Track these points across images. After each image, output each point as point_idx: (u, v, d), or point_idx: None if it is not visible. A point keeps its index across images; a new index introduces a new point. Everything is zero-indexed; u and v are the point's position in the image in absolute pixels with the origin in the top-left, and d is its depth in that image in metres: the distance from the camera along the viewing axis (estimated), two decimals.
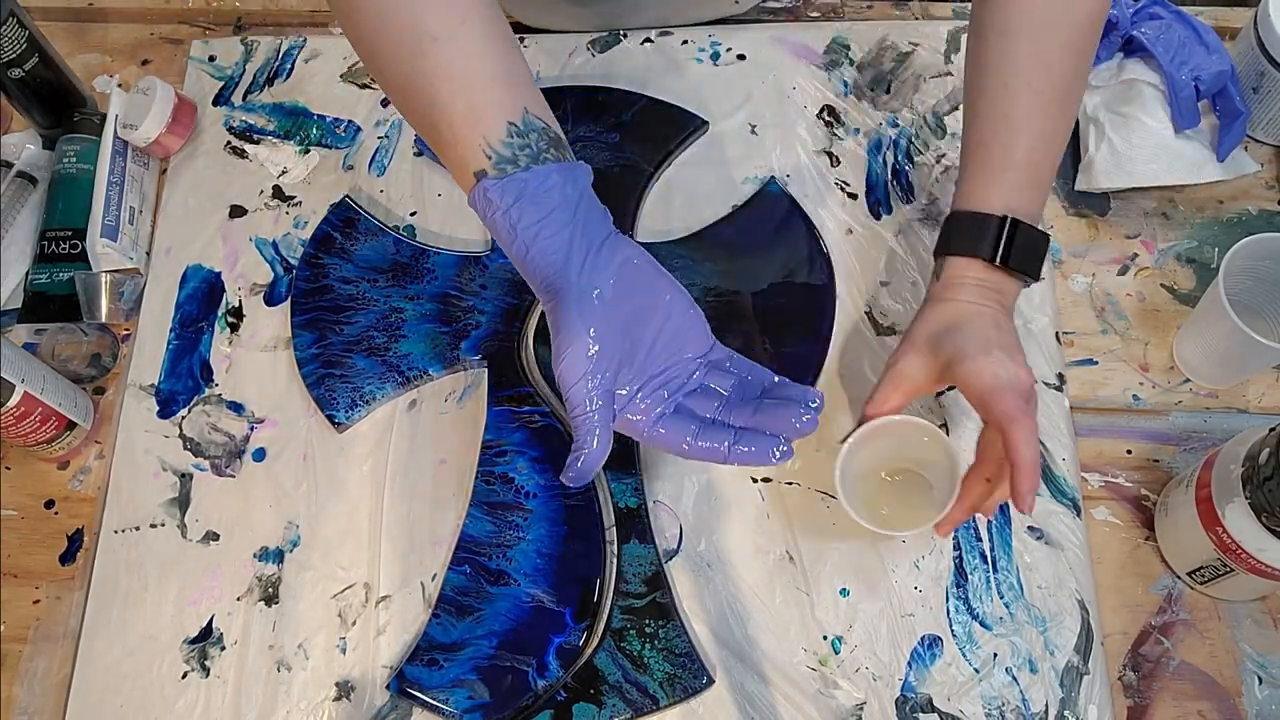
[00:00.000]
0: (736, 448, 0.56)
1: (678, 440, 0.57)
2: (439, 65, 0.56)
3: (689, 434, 0.56)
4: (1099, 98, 0.78)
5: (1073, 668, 0.65)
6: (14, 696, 0.67)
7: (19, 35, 0.77)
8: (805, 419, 0.56)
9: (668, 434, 0.57)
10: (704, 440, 0.56)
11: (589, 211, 0.57)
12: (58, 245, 0.78)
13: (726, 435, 0.56)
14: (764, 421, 0.57)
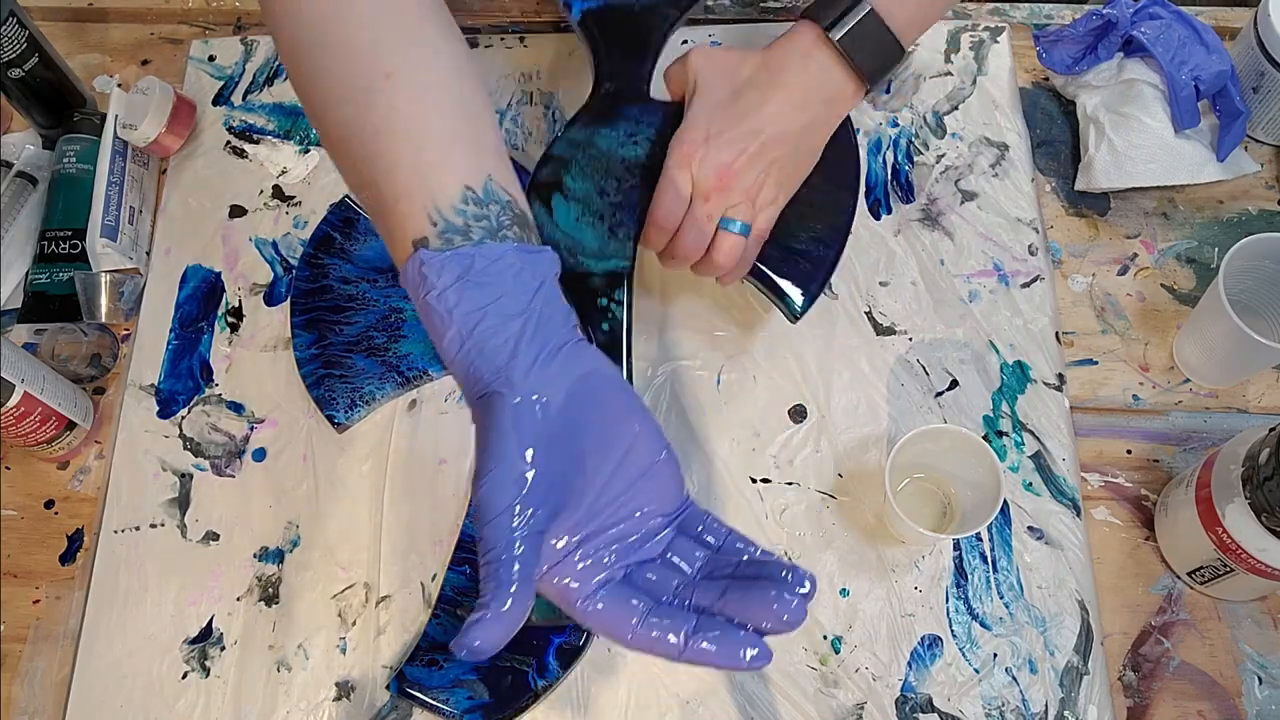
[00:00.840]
0: (695, 642, 0.43)
1: (619, 624, 0.44)
2: (391, 108, 0.46)
3: (634, 615, 0.44)
4: (1099, 98, 0.78)
5: (1073, 668, 0.65)
6: (14, 696, 0.67)
7: (19, 35, 0.77)
8: (793, 607, 0.43)
9: (606, 612, 0.44)
10: (653, 628, 0.44)
11: (548, 305, 0.46)
12: (58, 245, 0.78)
13: (684, 623, 0.44)
14: (736, 607, 0.44)
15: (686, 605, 0.45)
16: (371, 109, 0.46)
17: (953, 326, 0.75)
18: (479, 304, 0.45)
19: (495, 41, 0.86)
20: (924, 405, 0.72)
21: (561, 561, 0.45)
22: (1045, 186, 0.80)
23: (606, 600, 0.45)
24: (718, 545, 0.47)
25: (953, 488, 0.69)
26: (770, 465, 0.71)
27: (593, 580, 0.45)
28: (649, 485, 0.46)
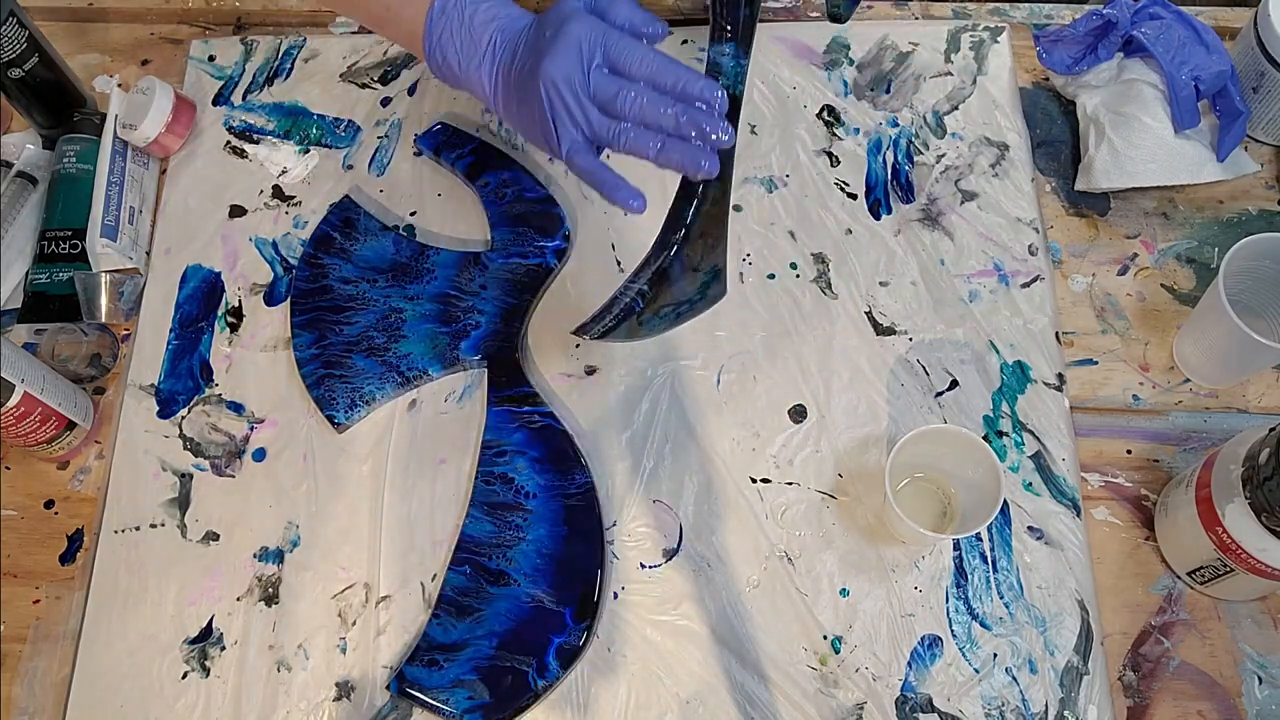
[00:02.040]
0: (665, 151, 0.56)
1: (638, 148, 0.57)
2: None
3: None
4: (1099, 98, 0.78)
5: (1072, 668, 0.65)
6: (14, 696, 0.67)
7: (19, 35, 0.77)
8: (720, 138, 0.56)
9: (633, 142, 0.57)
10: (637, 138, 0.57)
11: None
12: (58, 245, 0.78)
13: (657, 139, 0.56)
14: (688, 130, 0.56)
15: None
16: None
17: (953, 326, 0.75)
18: None
19: None
20: (924, 405, 0.72)
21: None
22: (1045, 186, 0.80)
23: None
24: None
25: (953, 488, 0.69)
26: (770, 465, 0.71)
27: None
28: None
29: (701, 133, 0.56)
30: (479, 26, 0.60)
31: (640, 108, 0.56)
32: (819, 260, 0.77)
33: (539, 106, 0.57)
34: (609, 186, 0.58)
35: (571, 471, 0.70)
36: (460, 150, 0.81)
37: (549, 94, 0.56)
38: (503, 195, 0.79)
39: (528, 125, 0.59)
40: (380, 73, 0.86)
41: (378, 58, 0.86)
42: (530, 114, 0.58)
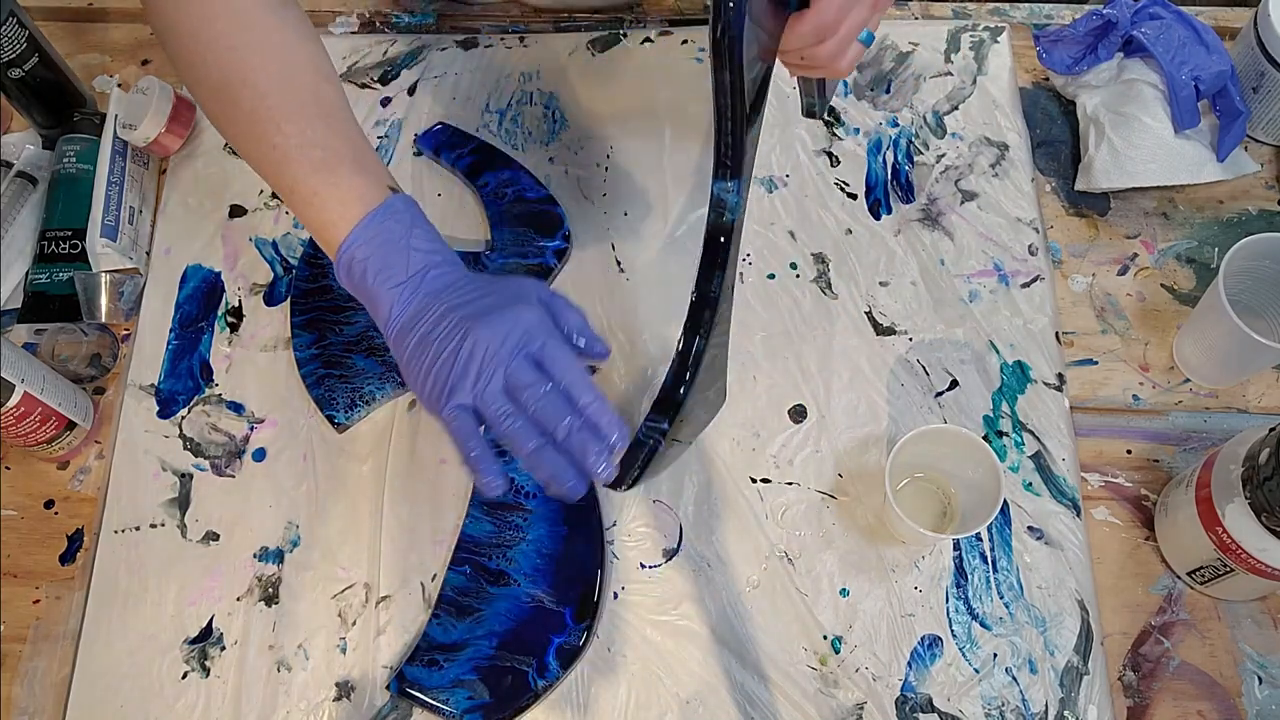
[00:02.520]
0: (537, 457, 0.54)
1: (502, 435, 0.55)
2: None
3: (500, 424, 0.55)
4: (1099, 98, 0.78)
5: (1072, 668, 0.65)
6: (14, 696, 0.67)
7: (19, 35, 0.77)
8: (602, 472, 0.54)
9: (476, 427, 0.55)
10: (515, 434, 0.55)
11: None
12: (58, 245, 0.78)
13: (533, 438, 0.54)
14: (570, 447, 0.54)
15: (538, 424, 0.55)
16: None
17: (953, 326, 0.75)
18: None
19: (495, 41, 0.87)
20: (924, 405, 0.72)
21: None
22: (1045, 186, 0.80)
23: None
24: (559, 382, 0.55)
25: (953, 488, 0.69)
26: (770, 465, 0.71)
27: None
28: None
29: (585, 458, 0.54)
30: (417, 250, 0.58)
31: (543, 406, 0.54)
32: (819, 260, 0.77)
33: (446, 358, 0.55)
34: (478, 457, 0.55)
35: None
36: (460, 150, 0.81)
37: (470, 351, 0.54)
38: (503, 195, 0.79)
39: (415, 364, 0.56)
40: (380, 73, 0.86)
41: (378, 58, 0.86)
42: (425, 356, 0.56)
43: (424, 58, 0.86)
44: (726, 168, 0.55)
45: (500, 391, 0.55)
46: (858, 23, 0.56)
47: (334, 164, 0.58)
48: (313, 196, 0.58)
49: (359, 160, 0.59)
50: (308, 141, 0.58)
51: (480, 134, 0.83)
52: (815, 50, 0.56)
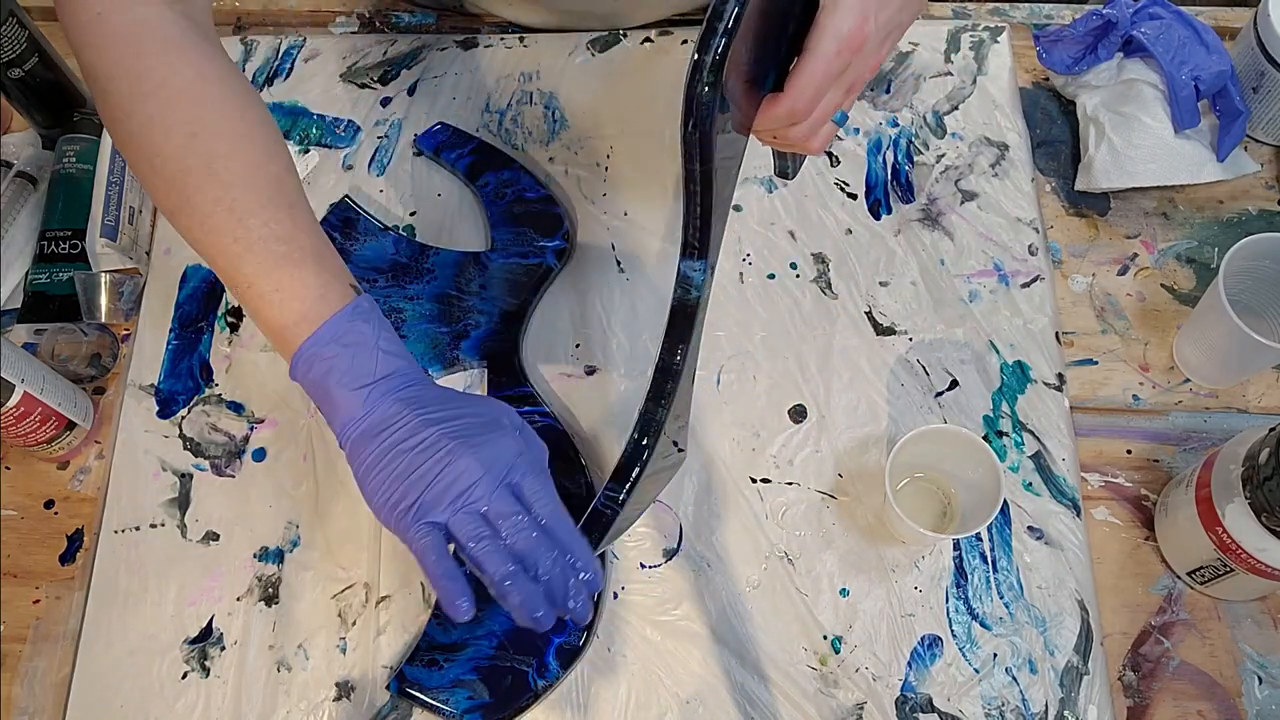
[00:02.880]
0: (509, 586, 0.53)
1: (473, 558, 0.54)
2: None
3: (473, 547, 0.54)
4: (1099, 98, 0.78)
5: (1072, 668, 0.65)
6: (14, 696, 0.67)
7: (19, 35, 0.77)
8: (578, 615, 0.54)
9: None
10: (485, 558, 0.53)
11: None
12: (57, 245, 0.78)
13: (505, 564, 0.53)
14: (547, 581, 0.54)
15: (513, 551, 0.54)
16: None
17: (953, 326, 0.75)
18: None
19: (495, 41, 0.86)
20: (924, 405, 0.72)
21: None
22: (1045, 186, 0.80)
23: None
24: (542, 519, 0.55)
25: (953, 488, 0.69)
26: (770, 465, 0.71)
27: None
28: None
29: (564, 595, 0.54)
30: (385, 352, 0.56)
31: (523, 537, 0.53)
32: (819, 260, 0.77)
33: (423, 474, 0.53)
34: (444, 575, 0.53)
35: (571, 471, 0.70)
36: (460, 150, 0.81)
37: (452, 472, 0.53)
38: (503, 195, 0.79)
39: (380, 473, 0.54)
40: (380, 73, 0.86)
41: (378, 58, 0.86)
42: (394, 467, 0.53)
43: (424, 58, 0.86)
44: (694, 249, 0.55)
45: (478, 515, 0.53)
46: (831, 106, 0.55)
47: (298, 259, 0.56)
48: (274, 293, 0.56)
49: (321, 256, 0.57)
50: (272, 235, 0.56)
51: (480, 134, 0.83)
52: (788, 132, 0.55)
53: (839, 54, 0.52)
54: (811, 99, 0.53)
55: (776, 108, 0.53)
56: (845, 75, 0.53)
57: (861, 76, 0.54)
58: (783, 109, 0.53)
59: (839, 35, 0.51)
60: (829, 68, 0.52)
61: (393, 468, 0.53)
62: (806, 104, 0.53)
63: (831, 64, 0.52)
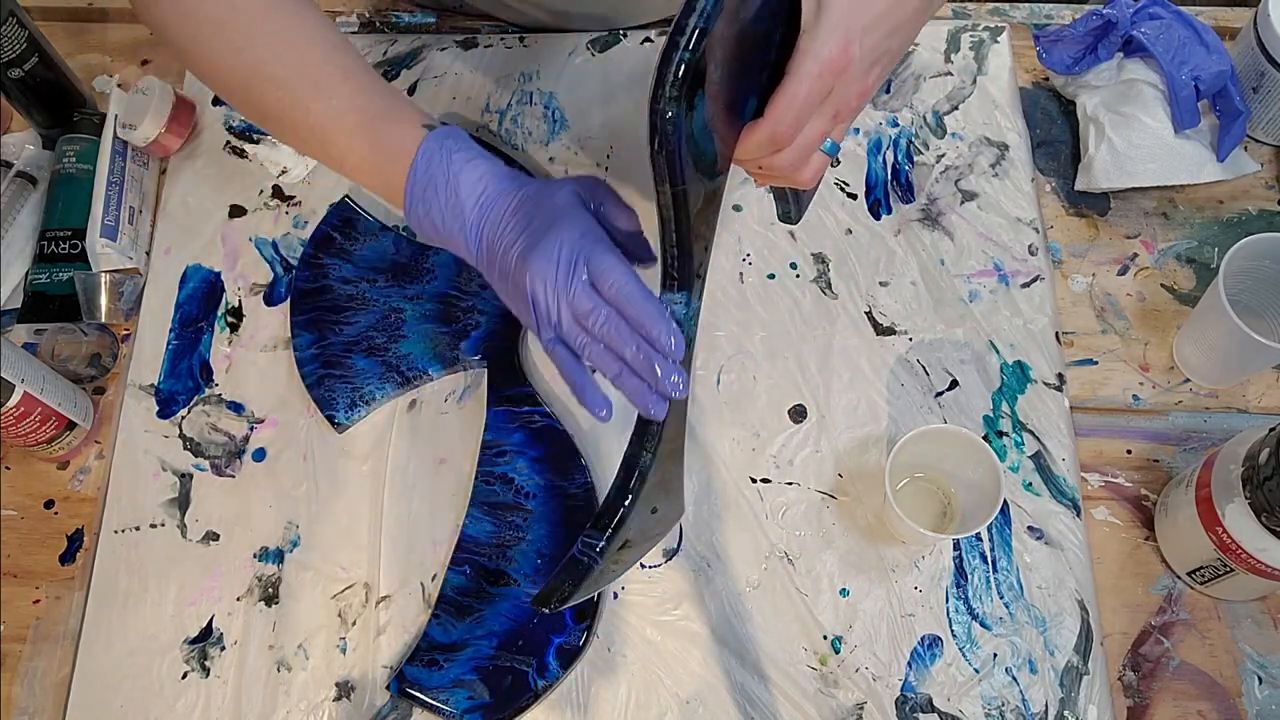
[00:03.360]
0: (621, 380, 0.55)
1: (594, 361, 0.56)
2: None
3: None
4: (1099, 98, 0.78)
5: (1072, 668, 0.65)
6: (14, 696, 0.67)
7: (19, 35, 0.77)
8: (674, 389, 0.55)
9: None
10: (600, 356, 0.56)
11: None
12: (57, 245, 0.78)
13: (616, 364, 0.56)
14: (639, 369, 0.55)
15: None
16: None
17: (953, 326, 0.75)
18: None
19: (495, 41, 0.86)
20: (924, 405, 0.72)
21: None
22: (1045, 186, 0.80)
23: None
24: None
25: (953, 488, 0.69)
26: (770, 465, 0.71)
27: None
28: None
29: (654, 378, 0.54)
30: (465, 192, 0.58)
31: (606, 333, 0.55)
32: (819, 260, 0.77)
33: (520, 298, 0.56)
34: (579, 388, 0.57)
35: (571, 471, 0.70)
36: None
37: (532, 289, 0.55)
38: None
39: (513, 300, 0.58)
40: (380, 73, 0.86)
41: (377, 58, 0.86)
42: (512, 292, 0.57)
43: (424, 58, 0.86)
44: (673, 279, 0.53)
45: (572, 322, 0.56)
46: (816, 133, 0.53)
47: (367, 124, 0.59)
48: (363, 163, 0.60)
49: (391, 111, 0.60)
50: (338, 110, 0.59)
51: (480, 134, 0.83)
52: (772, 161, 0.53)
53: (820, 77, 0.50)
54: (792, 124, 0.51)
55: (756, 133, 0.52)
56: (830, 101, 0.52)
57: (849, 103, 0.53)
58: (763, 133, 0.52)
59: (820, 58, 0.50)
60: (810, 91, 0.50)
61: (509, 299, 0.58)
62: (787, 129, 0.51)
63: (813, 87, 0.50)
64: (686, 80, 0.46)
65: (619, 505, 0.55)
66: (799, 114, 0.51)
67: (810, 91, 0.50)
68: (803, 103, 0.50)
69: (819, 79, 0.50)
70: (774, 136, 0.52)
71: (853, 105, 0.53)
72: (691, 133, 0.48)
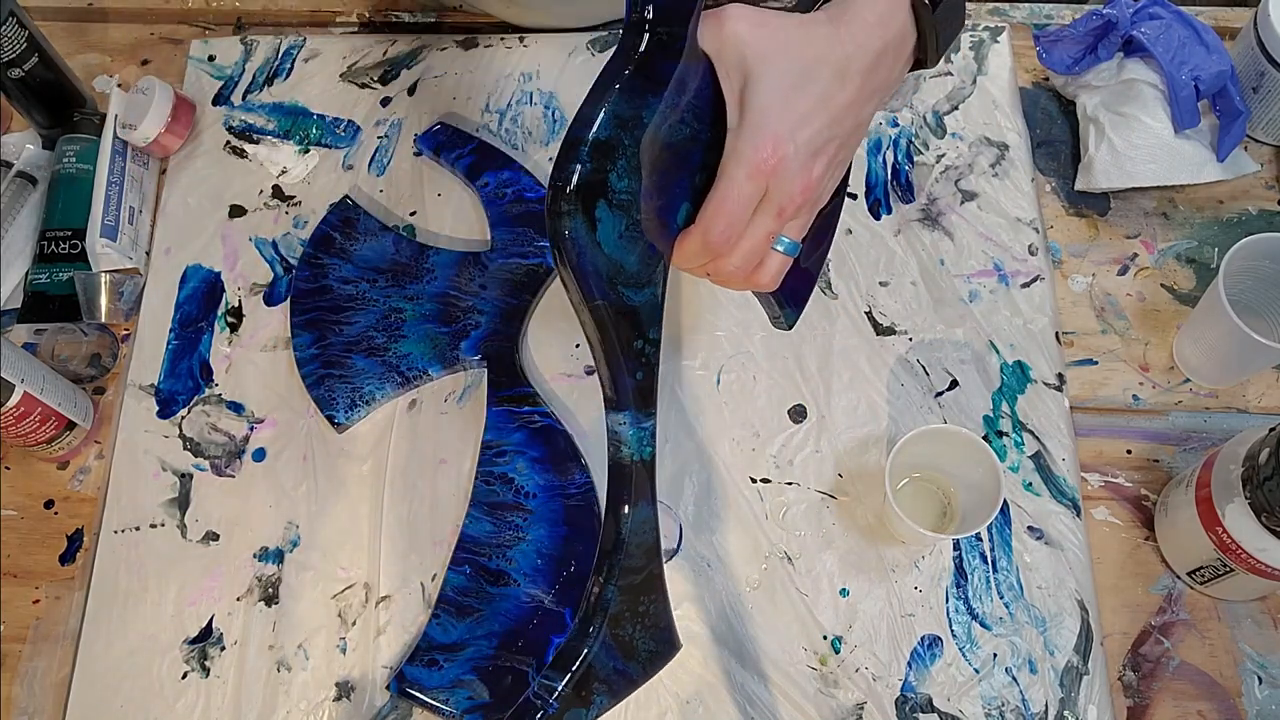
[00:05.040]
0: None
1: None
2: None
3: None
4: (1099, 98, 0.78)
5: (1072, 668, 0.65)
6: (14, 696, 0.67)
7: (19, 35, 0.77)
8: None
9: None
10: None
11: None
12: (57, 245, 0.78)
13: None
14: None
15: None
16: None
17: (953, 326, 0.75)
18: None
19: (495, 41, 0.86)
20: (924, 405, 0.72)
21: None
22: (1045, 186, 0.80)
23: None
24: None
25: (953, 488, 0.69)
26: (770, 465, 0.71)
27: None
28: None
29: None
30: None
31: None
32: None
33: None
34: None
35: (571, 471, 0.70)
36: (460, 150, 0.81)
37: None
38: (502, 195, 0.79)
39: None
40: (380, 73, 0.86)
41: (377, 58, 0.86)
42: None
43: (424, 58, 0.86)
44: (611, 400, 0.50)
45: None
46: (763, 234, 0.50)
47: None
48: None
49: None
50: None
51: (480, 134, 0.83)
52: (719, 267, 0.50)
53: (750, 178, 0.48)
54: (725, 229, 0.49)
55: (688, 241, 0.50)
56: (769, 200, 0.49)
57: (792, 200, 0.49)
58: (693, 241, 0.49)
59: (746, 160, 0.48)
60: (740, 193, 0.48)
61: None
62: (719, 235, 0.49)
63: (743, 189, 0.48)
64: (579, 195, 0.45)
65: (580, 647, 0.51)
66: (731, 218, 0.49)
67: (740, 194, 0.48)
68: (733, 206, 0.48)
69: (748, 181, 0.48)
70: (706, 244, 0.49)
71: (798, 201, 0.50)
72: (598, 245, 0.46)
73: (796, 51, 0.49)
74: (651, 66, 0.47)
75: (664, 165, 0.48)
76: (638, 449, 0.52)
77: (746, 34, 0.49)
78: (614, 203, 0.47)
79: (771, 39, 0.49)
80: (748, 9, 0.49)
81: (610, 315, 0.48)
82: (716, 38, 0.49)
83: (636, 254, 0.49)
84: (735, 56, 0.49)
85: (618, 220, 0.47)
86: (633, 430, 0.51)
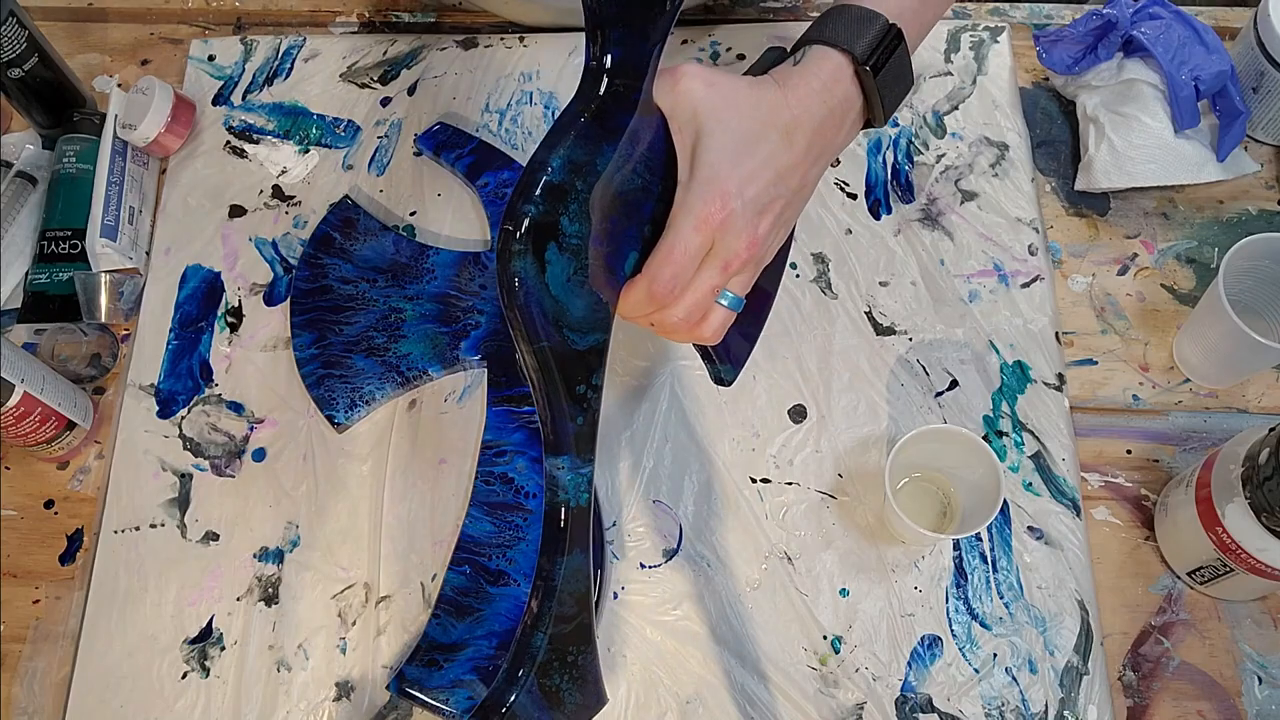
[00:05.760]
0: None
1: None
2: None
3: None
4: (1099, 98, 0.78)
5: (1072, 668, 0.65)
6: (14, 696, 0.67)
7: (19, 35, 0.77)
8: None
9: None
10: None
11: None
12: (57, 245, 0.78)
13: None
14: None
15: None
16: None
17: (953, 326, 0.75)
18: None
19: (495, 41, 0.87)
20: (924, 405, 0.72)
21: None
22: (1045, 186, 0.80)
23: None
24: None
25: (953, 488, 0.69)
26: (770, 465, 0.71)
27: None
28: None
29: None
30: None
31: None
32: (819, 260, 0.77)
33: None
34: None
35: None
36: (460, 150, 0.81)
37: None
38: (503, 195, 0.79)
39: None
40: (380, 73, 0.86)
41: (378, 58, 0.86)
42: None
43: (424, 58, 0.86)
44: (550, 444, 0.51)
45: None
46: (707, 287, 0.51)
47: None
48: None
49: None
50: None
51: (480, 134, 0.83)
52: (663, 318, 0.51)
53: (697, 230, 0.49)
54: (669, 280, 0.50)
55: (633, 290, 0.51)
56: (715, 254, 0.50)
57: (738, 255, 0.50)
58: (639, 290, 0.50)
59: (694, 213, 0.49)
60: (686, 246, 0.49)
61: None
62: (664, 286, 0.50)
63: (689, 242, 0.49)
64: (530, 236, 0.46)
65: (506, 696, 0.51)
66: (677, 269, 0.50)
67: (686, 247, 0.49)
68: (679, 258, 0.49)
69: (695, 233, 0.49)
70: (651, 294, 0.50)
71: (743, 257, 0.51)
72: (546, 287, 0.47)
73: (747, 112, 0.51)
74: (608, 115, 0.49)
75: (615, 213, 0.49)
76: (574, 495, 0.52)
77: (700, 93, 0.51)
78: (564, 246, 0.48)
79: (723, 99, 0.51)
80: (701, 68, 0.52)
81: (554, 358, 0.49)
82: (671, 94, 0.51)
83: (583, 299, 0.50)
84: (688, 114, 0.51)
85: (567, 264, 0.48)
86: (570, 475, 0.51)
